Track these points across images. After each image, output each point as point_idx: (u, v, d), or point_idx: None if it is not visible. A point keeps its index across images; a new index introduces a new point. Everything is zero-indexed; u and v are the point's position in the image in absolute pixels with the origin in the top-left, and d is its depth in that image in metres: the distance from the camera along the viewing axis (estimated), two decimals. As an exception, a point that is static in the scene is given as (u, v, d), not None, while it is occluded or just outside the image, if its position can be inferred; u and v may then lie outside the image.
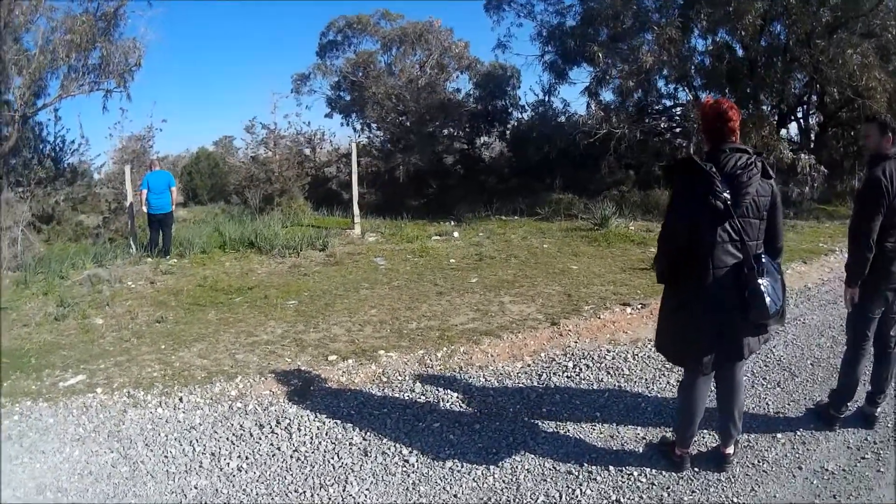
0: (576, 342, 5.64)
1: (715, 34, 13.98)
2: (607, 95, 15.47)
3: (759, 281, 3.02)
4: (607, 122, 13.94)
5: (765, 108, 14.20)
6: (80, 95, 13.41)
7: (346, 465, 3.73)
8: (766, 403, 4.33)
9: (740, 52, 14.06)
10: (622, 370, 4.98)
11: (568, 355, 5.33)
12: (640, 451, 3.74)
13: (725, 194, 2.98)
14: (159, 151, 17.03)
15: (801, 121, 15.99)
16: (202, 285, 8.37)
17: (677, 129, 15.71)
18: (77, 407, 4.68)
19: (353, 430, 4.15)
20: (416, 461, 3.73)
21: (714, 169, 3.01)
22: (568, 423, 4.12)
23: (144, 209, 10.58)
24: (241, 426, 4.28)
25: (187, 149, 28.80)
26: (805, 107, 15.76)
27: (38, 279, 8.63)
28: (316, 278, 8.61)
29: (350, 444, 3.97)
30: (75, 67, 12.81)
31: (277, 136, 17.06)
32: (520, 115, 19.40)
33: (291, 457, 3.86)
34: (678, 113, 15.71)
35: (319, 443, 4.01)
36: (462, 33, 34.86)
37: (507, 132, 19.64)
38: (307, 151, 18.31)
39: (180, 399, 4.73)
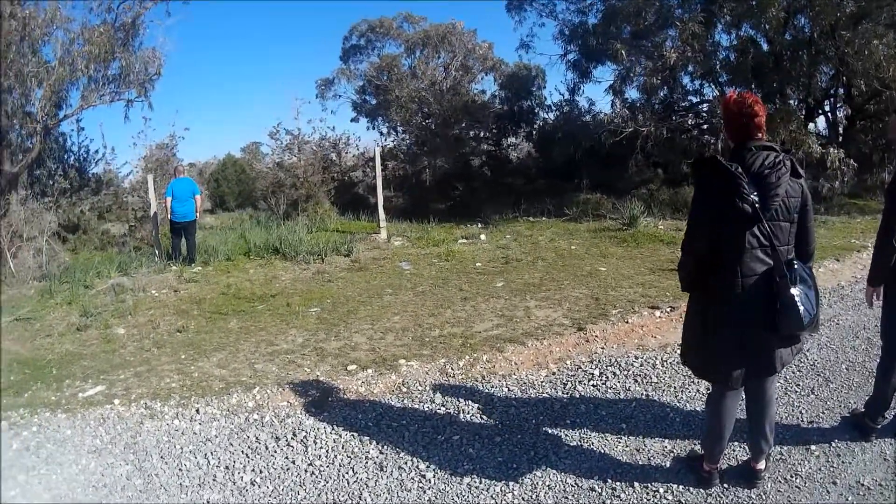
0: (602, 348, 5.48)
1: (739, 28, 13.71)
2: (632, 93, 15.30)
3: (792, 290, 2.84)
4: (633, 121, 13.74)
5: (792, 102, 13.85)
6: (102, 106, 13.64)
7: (361, 479, 3.63)
8: (800, 412, 4.13)
9: (765, 47, 13.77)
10: (650, 378, 4.80)
11: (594, 362, 5.16)
12: (668, 465, 3.56)
13: (753, 196, 2.79)
14: (183, 159, 17.15)
15: (829, 114, 15.61)
16: (225, 293, 8.36)
17: (704, 126, 15.44)
18: (95, 418, 4.67)
19: (370, 443, 4.04)
20: (433, 476, 3.60)
21: (740, 169, 2.81)
22: (592, 435, 3.96)
23: (168, 217, 10.58)
24: (256, 439, 4.22)
25: (214, 156, 29.06)
26: (832, 100, 15.38)
27: (62, 289, 8.69)
28: (340, 284, 8.54)
29: (366, 457, 3.87)
30: (95, 78, 12.93)
31: (302, 142, 17.08)
32: (546, 116, 19.27)
33: (306, 471, 3.78)
34: (704, 109, 15.48)
35: (335, 456, 3.91)
36: (485, 34, 34.61)
37: (534, 133, 19.47)
38: (333, 156, 18.28)
39: (197, 410, 4.69)
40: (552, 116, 18.86)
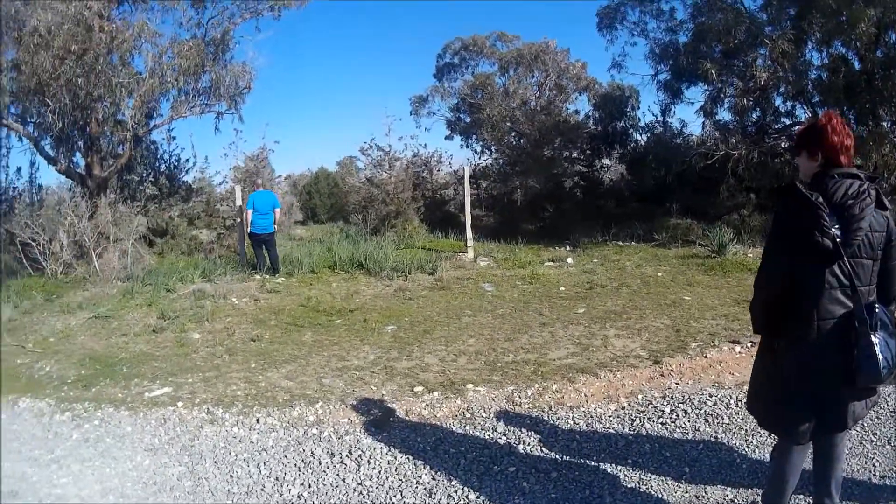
0: (677, 384, 5.11)
1: (829, 46, 12.87)
2: (724, 115, 14.62)
3: (871, 338, 2.49)
4: (724, 143, 13.16)
5: (884, 124, 12.88)
6: (192, 117, 14.17)
7: (408, 505, 3.48)
8: (873, 465, 3.66)
9: (857, 65, 12.85)
10: (722, 418, 4.42)
11: (666, 399, 4.82)
12: (725, 517, 3.22)
13: (834, 230, 2.47)
14: (275, 170, 17.63)
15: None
16: (304, 305, 8.45)
17: (796, 150, 14.58)
18: (156, 418, 4.79)
19: (424, 467, 3.89)
20: (481, 508, 3.41)
21: (821, 199, 2.50)
22: (652, 477, 3.64)
23: (248, 229, 10.70)
24: (311, 453, 4.16)
25: (308, 168, 29.83)
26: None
27: (144, 290, 9.03)
28: (420, 303, 8.47)
29: (417, 482, 3.72)
30: (185, 90, 13.41)
31: (392, 158, 17.18)
32: (639, 137, 18.78)
33: (354, 490, 3.67)
34: (796, 132, 14.60)
35: (386, 478, 3.79)
36: (577, 53, 34.00)
37: (627, 154, 18.99)
38: (424, 173, 18.26)
39: (257, 420, 4.71)
40: (644, 138, 18.42)
